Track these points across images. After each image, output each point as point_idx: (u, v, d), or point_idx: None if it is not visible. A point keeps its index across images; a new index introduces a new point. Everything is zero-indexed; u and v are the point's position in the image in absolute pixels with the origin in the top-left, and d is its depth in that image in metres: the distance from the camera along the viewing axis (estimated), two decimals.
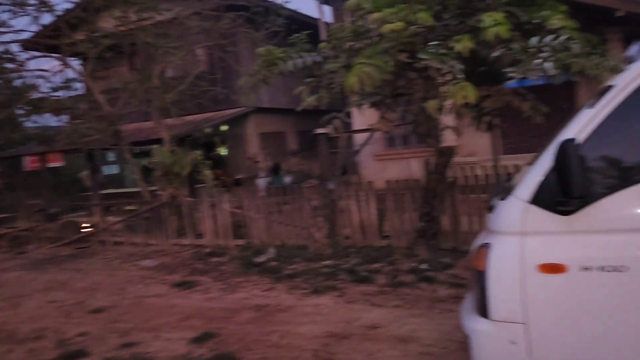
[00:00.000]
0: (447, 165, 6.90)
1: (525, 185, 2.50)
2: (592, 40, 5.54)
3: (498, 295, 2.53)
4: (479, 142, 11.46)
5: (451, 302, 5.20)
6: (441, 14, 5.73)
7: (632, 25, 10.26)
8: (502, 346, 2.51)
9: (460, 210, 7.18)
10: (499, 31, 4.74)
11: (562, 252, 2.38)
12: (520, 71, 4.54)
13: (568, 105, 10.80)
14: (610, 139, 2.36)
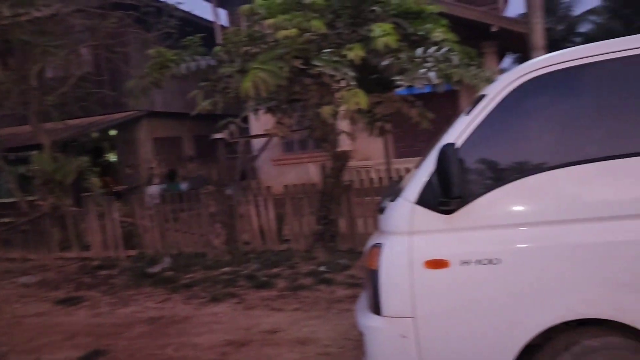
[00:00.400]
0: (343, 169, 7.11)
1: (412, 187, 2.64)
2: (470, 53, 6.02)
3: (389, 292, 2.65)
4: (373, 146, 11.92)
5: (349, 302, 5.35)
6: (334, 23, 5.91)
7: (504, 40, 11.26)
8: (394, 340, 2.63)
9: (357, 212, 7.42)
10: (388, 41, 4.98)
11: (445, 248, 2.55)
12: (407, 79, 4.81)
13: (452, 111, 11.60)
14: (484, 143, 2.57)
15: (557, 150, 2.48)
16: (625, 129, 2.43)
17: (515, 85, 2.54)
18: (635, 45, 2.44)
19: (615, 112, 2.46)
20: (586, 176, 2.40)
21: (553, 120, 2.55)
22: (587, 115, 2.51)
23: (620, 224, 2.34)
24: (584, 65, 2.48)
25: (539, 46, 6.97)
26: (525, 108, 2.54)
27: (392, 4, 5.72)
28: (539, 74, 2.53)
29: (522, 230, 2.47)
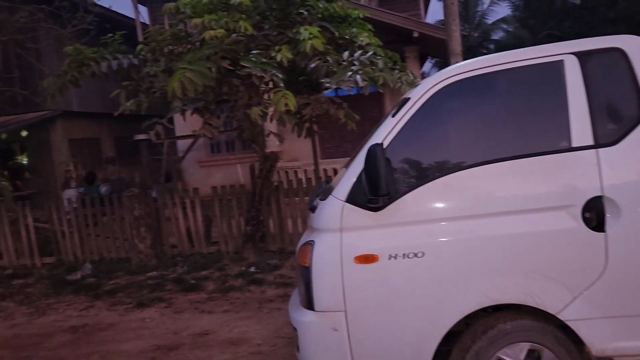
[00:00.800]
0: (272, 170, 7.14)
1: (342, 186, 2.75)
2: (394, 57, 6.27)
3: (321, 287, 2.74)
4: (301, 147, 12.04)
5: (280, 301, 5.41)
6: (261, 24, 5.94)
7: (425, 45, 11.77)
8: (326, 334, 2.72)
9: (286, 213, 7.49)
10: (315, 44, 5.08)
11: (374, 243, 2.67)
12: (334, 82, 4.94)
13: (377, 113, 11.97)
14: (409, 144, 2.73)
15: (473, 150, 2.68)
16: (530, 130, 2.67)
17: (435, 89, 2.72)
18: (535, 55, 2.68)
19: (521, 115, 2.70)
20: (498, 174, 2.61)
21: (469, 122, 2.76)
22: (497, 117, 2.73)
23: (529, 217, 2.57)
24: (494, 72, 2.70)
25: (457, 52, 7.38)
26: (444, 111, 2.72)
27: (318, 8, 5.83)
28: (456, 79, 2.72)
29: (443, 225, 2.65)
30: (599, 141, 2.54)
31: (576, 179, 2.54)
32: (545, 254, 2.56)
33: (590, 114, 2.56)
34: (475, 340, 2.63)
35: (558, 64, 2.64)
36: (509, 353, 2.60)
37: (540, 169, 2.59)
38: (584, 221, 2.51)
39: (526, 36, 26.10)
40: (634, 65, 2.58)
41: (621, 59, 2.60)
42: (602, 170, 2.51)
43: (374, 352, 2.72)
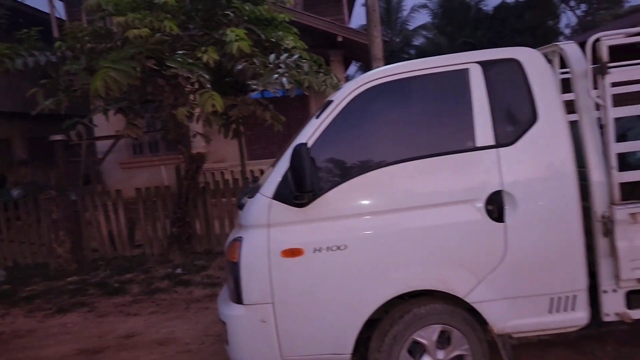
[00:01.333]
0: (199, 171, 7.12)
1: (269, 184, 2.88)
2: (318, 60, 6.47)
3: (249, 281, 2.85)
4: (228, 148, 11.99)
5: (207, 301, 5.44)
6: (187, 24, 5.93)
7: (349, 49, 12.11)
8: (255, 325, 2.84)
9: (213, 214, 7.48)
10: (242, 46, 5.16)
11: (299, 238, 2.82)
12: (261, 84, 5.04)
13: (303, 114, 12.17)
14: (332, 143, 2.90)
15: (390, 149, 2.90)
16: (441, 131, 2.93)
17: (356, 93, 2.92)
18: (444, 63, 2.95)
19: (432, 117, 2.96)
20: (413, 171, 2.85)
21: (386, 124, 2.97)
22: (411, 119, 2.97)
23: (439, 210, 2.82)
24: (409, 78, 2.94)
25: (378, 57, 7.72)
26: (364, 113, 2.93)
27: (245, 11, 5.91)
28: (375, 84, 2.93)
29: (363, 219, 2.85)
30: (499, 141, 2.83)
31: (480, 176, 2.83)
32: (454, 243, 2.83)
33: (492, 117, 2.85)
34: (393, 324, 2.85)
35: (464, 72, 2.92)
36: (423, 335, 2.85)
37: (449, 166, 2.85)
38: (487, 213, 2.80)
39: (444, 43, 27.46)
40: (527, 74, 2.90)
41: (517, 68, 2.92)
42: (502, 168, 2.81)
43: (301, 341, 2.87)
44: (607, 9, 27.78)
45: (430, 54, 27.34)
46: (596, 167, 2.84)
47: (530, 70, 2.90)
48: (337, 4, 14.23)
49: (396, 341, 2.83)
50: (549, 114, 2.85)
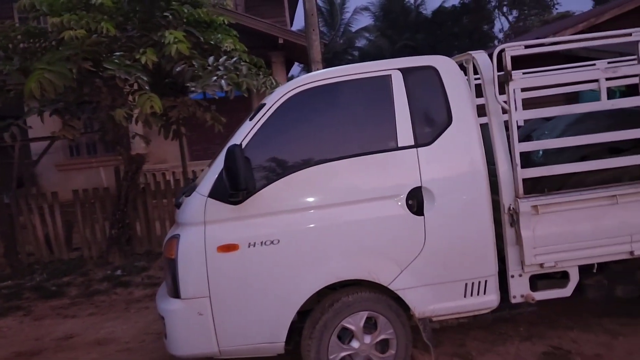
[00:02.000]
0: (138, 172, 7.09)
1: (205, 183, 3.03)
2: (259, 63, 6.62)
3: (187, 276, 2.99)
4: (168, 149, 11.85)
5: (147, 300, 5.47)
6: (124, 26, 5.92)
7: (290, 51, 12.30)
8: (192, 318, 2.99)
9: (153, 215, 7.46)
10: (181, 48, 5.23)
11: (234, 234, 2.99)
12: (200, 86, 5.13)
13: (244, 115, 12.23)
14: (265, 144, 3.08)
15: (320, 149, 3.10)
16: (367, 132, 3.17)
17: (287, 96, 3.11)
18: (369, 69, 3.19)
19: (359, 119, 3.19)
20: (340, 170, 3.07)
21: (316, 125, 3.18)
22: (339, 121, 3.19)
23: (366, 205, 3.06)
24: (336, 83, 3.16)
25: (317, 60, 7.94)
26: (295, 115, 3.12)
27: (183, 13, 5.97)
28: (305, 88, 3.13)
29: (295, 215, 3.04)
30: (418, 142, 3.10)
31: (401, 173, 3.08)
32: (379, 236, 3.07)
33: (412, 119, 3.11)
34: (324, 312, 3.06)
35: (387, 78, 3.17)
36: (351, 321, 3.08)
37: (374, 164, 3.09)
38: (408, 207, 3.06)
39: (385, 45, 28.17)
40: (443, 80, 3.18)
41: (434, 75, 3.19)
42: (421, 165, 3.07)
43: (237, 331, 3.04)
44: (537, 15, 29.41)
45: (372, 55, 28.03)
46: (503, 165, 3.16)
47: (446, 77, 3.18)
48: (278, 6, 14.39)
49: (327, 328, 3.05)
50: (462, 117, 3.14)
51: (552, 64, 4.56)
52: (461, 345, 3.75)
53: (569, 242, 3.13)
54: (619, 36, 3.19)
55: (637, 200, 3.11)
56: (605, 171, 3.18)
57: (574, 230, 3.12)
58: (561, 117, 3.60)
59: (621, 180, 3.18)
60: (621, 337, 3.66)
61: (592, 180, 3.19)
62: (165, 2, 5.98)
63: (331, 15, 28.89)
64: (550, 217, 3.12)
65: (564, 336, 3.74)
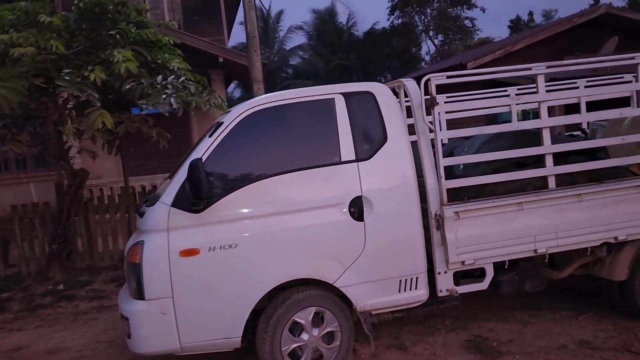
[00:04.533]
0: (81, 187, 7.13)
1: (168, 193, 3.33)
2: (202, 81, 6.90)
3: (151, 279, 3.26)
4: (104, 165, 11.74)
5: (95, 312, 5.58)
6: (72, 43, 6.05)
7: (230, 69, 12.62)
8: (156, 317, 3.26)
9: (95, 229, 7.49)
10: (129, 67, 5.45)
11: (196, 239, 3.30)
12: (150, 104, 5.37)
13: (183, 131, 12.34)
14: (223, 158, 3.42)
15: (272, 163, 3.48)
16: (314, 148, 3.59)
17: (243, 116, 3.48)
18: (316, 93, 3.63)
19: (307, 137, 3.61)
20: (291, 181, 3.46)
21: (269, 142, 3.56)
22: (290, 138, 3.60)
23: (313, 213, 3.47)
24: (288, 104, 3.58)
25: (259, 79, 8.32)
26: (250, 133, 3.49)
27: (130, 33, 6.18)
28: (260, 108, 3.52)
29: (251, 222, 3.40)
30: (358, 157, 3.55)
31: (344, 184, 3.52)
32: (326, 239, 3.49)
33: (353, 137, 3.57)
34: (277, 309, 3.42)
35: (331, 101, 3.61)
36: (301, 316, 3.45)
37: (320, 177, 3.51)
38: (350, 214, 3.49)
39: (319, 64, 29.00)
40: (379, 103, 3.67)
41: (372, 99, 3.67)
42: (361, 178, 3.52)
43: (197, 329, 3.34)
44: (460, 40, 31.35)
45: (307, 73, 28.78)
46: (430, 177, 3.67)
47: (381, 101, 3.67)
48: (217, 24, 14.66)
49: (279, 322, 3.40)
50: (396, 136, 3.63)
51: (477, 86, 5.19)
52: (397, 337, 4.22)
53: (484, 243, 3.67)
54: (521, 69, 3.83)
55: (539, 207, 3.71)
56: (513, 182, 3.78)
57: (489, 232, 3.67)
58: (478, 136, 4.20)
59: (526, 189, 3.79)
60: (530, 325, 4.26)
61: (503, 190, 3.77)
62: (112, 22, 6.17)
63: (266, 34, 29.34)
64: (469, 222, 3.65)
65: (483, 326, 4.30)
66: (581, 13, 11.91)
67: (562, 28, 11.35)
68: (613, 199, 3.74)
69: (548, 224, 3.70)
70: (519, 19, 31.09)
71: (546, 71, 3.71)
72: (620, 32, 11.05)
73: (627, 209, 3.75)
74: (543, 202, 3.69)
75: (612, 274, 3.94)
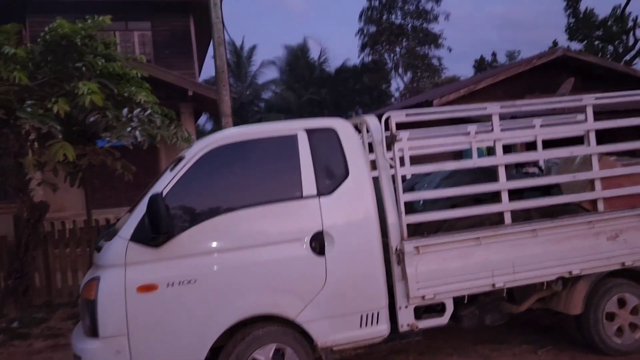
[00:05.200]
0: (41, 220, 6.95)
1: (127, 227, 3.29)
2: (170, 114, 6.90)
3: (106, 316, 3.18)
4: (67, 197, 11.49)
5: (49, 351, 5.38)
6: (36, 75, 6.00)
7: (199, 102, 12.65)
8: (110, 356, 3.16)
9: (54, 264, 7.27)
10: (95, 99, 5.43)
11: (154, 274, 3.24)
12: (114, 136, 5.34)
13: (151, 163, 12.22)
14: (184, 193, 3.41)
15: (234, 198, 3.49)
16: (276, 183, 3.62)
17: (205, 151, 3.49)
18: (278, 129, 3.69)
19: (269, 172, 3.64)
20: (252, 216, 3.46)
21: (231, 177, 3.58)
22: (252, 174, 3.62)
23: (274, 247, 3.47)
24: (250, 140, 3.61)
25: (227, 114, 8.36)
26: (212, 168, 3.50)
27: (97, 65, 6.17)
28: (222, 144, 3.55)
29: (211, 256, 3.38)
30: (320, 192, 3.59)
31: (306, 219, 3.54)
32: (286, 275, 3.48)
33: (315, 173, 3.61)
34: (236, 345, 3.37)
35: (294, 137, 3.66)
36: (261, 352, 3.41)
37: (282, 211, 3.53)
38: (311, 249, 3.51)
39: (291, 98, 29.32)
40: (341, 139, 3.73)
41: (334, 135, 3.74)
42: (323, 212, 3.55)
43: None
44: (428, 77, 32.24)
45: (279, 107, 29.04)
46: (391, 212, 3.73)
47: (343, 137, 3.74)
48: (188, 58, 14.75)
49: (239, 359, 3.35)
50: (357, 171, 3.69)
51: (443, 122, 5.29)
52: None
53: (444, 277, 3.72)
54: (477, 109, 3.98)
55: (496, 241, 3.80)
56: (471, 218, 3.87)
57: (448, 267, 3.72)
58: (438, 172, 4.30)
59: (483, 224, 3.88)
60: (491, 359, 4.29)
61: (461, 225, 3.85)
62: (79, 54, 6.17)
63: (238, 68, 29.60)
64: (429, 256, 3.70)
65: None
66: (540, 55, 12.44)
67: (522, 69, 11.81)
68: (566, 235, 3.86)
69: (505, 258, 3.78)
70: (482, 59, 32.25)
71: (500, 111, 3.86)
72: (577, 73, 11.60)
73: (579, 244, 3.87)
74: (500, 237, 3.78)
75: (568, 308, 4.03)
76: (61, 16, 6.17)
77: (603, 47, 22.85)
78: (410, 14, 29.28)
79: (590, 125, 4.05)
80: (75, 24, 6.03)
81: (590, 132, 4.03)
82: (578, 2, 22.49)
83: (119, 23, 12.64)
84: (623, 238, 3.94)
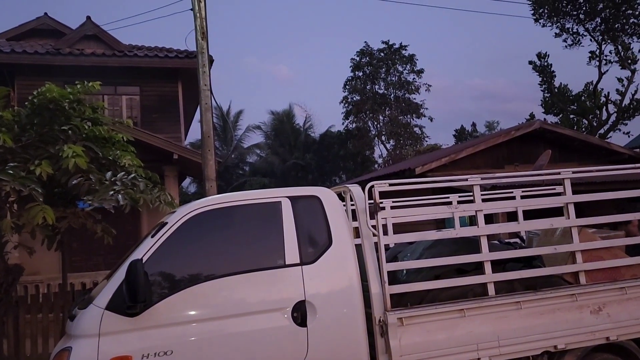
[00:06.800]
0: (14, 284, 6.71)
1: (103, 295, 3.19)
2: (153, 177, 6.89)
3: None
4: (42, 260, 11.17)
5: None
6: (20, 137, 6.00)
7: (184, 165, 12.70)
8: None
9: (24, 330, 6.96)
10: (79, 162, 5.42)
11: (129, 345, 3.12)
12: (96, 200, 5.28)
13: (132, 227, 12.05)
14: (165, 260, 3.35)
15: (215, 266, 3.44)
16: (258, 251, 3.58)
17: (187, 217, 3.47)
18: (262, 196, 3.70)
19: (252, 239, 3.61)
20: (232, 284, 3.40)
21: (213, 244, 3.55)
22: (234, 241, 3.59)
23: (254, 317, 3.38)
24: (233, 207, 3.61)
25: (212, 178, 8.40)
26: (194, 234, 3.47)
27: (83, 129, 6.21)
28: (205, 210, 3.53)
29: (189, 326, 3.28)
30: (303, 260, 3.56)
31: (288, 288, 3.49)
32: (267, 346, 3.38)
33: (298, 241, 3.59)
34: None
35: (277, 204, 3.67)
36: None
37: (264, 280, 3.48)
38: (292, 319, 3.42)
39: (276, 162, 29.62)
40: (325, 208, 3.75)
41: (318, 203, 3.76)
42: (305, 281, 3.51)
43: None
44: (411, 145, 32.93)
45: (263, 171, 29.25)
46: (374, 281, 3.69)
47: (327, 205, 3.77)
48: (174, 122, 14.94)
49: None
50: (341, 240, 3.68)
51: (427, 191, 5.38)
52: None
53: (428, 350, 3.63)
54: (459, 180, 4.05)
55: (479, 313, 3.75)
56: (455, 288, 3.83)
57: (432, 340, 3.64)
58: (420, 241, 4.30)
59: (467, 296, 3.84)
60: None
61: (445, 296, 3.81)
62: (65, 117, 6.21)
63: (224, 132, 30.03)
64: (413, 328, 3.63)
65: None
66: (518, 127, 12.89)
67: (501, 140, 12.19)
68: (550, 307, 3.83)
69: (490, 331, 3.73)
70: (463, 128, 33.28)
71: (481, 182, 3.93)
72: (554, 145, 11.98)
73: (563, 317, 3.84)
74: (483, 309, 3.74)
75: None
76: (50, 80, 6.28)
77: (578, 120, 23.75)
78: (393, 85, 30.29)
79: (568, 198, 4.13)
80: (65, 89, 6.12)
81: (569, 205, 4.11)
82: (552, 78, 23.55)
83: (108, 87, 12.83)
84: (606, 312, 3.93)
